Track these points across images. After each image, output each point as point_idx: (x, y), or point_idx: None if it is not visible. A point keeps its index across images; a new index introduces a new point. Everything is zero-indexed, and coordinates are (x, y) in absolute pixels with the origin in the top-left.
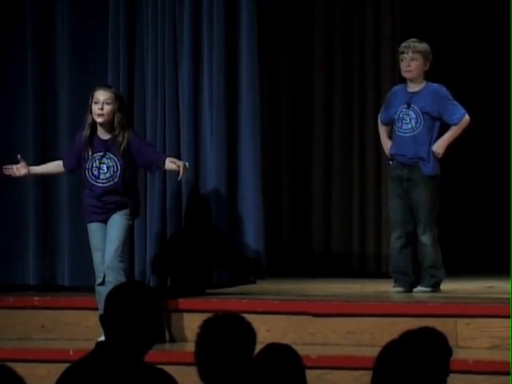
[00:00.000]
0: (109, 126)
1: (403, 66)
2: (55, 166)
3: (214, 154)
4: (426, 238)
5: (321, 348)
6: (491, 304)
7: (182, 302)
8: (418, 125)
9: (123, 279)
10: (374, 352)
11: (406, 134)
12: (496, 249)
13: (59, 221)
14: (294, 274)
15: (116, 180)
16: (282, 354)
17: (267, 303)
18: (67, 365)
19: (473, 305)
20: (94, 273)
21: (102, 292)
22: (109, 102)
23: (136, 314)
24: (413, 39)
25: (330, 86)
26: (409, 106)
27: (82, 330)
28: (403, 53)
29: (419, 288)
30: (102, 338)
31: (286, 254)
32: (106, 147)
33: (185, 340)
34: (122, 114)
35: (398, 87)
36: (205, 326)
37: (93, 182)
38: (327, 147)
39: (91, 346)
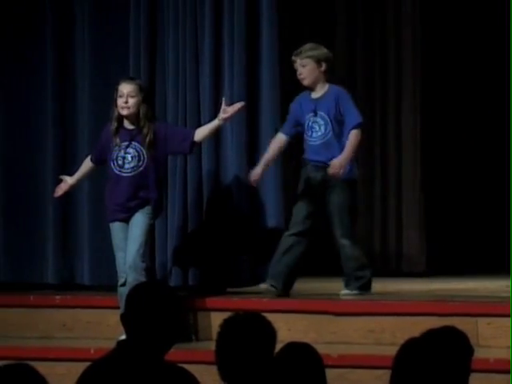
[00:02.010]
0: (134, 117)
1: (297, 74)
2: (86, 165)
3: (234, 154)
4: (344, 240)
5: (342, 347)
6: None
7: (203, 301)
8: (327, 131)
9: (144, 279)
10: (395, 351)
11: (317, 142)
12: None
13: (79, 219)
14: (314, 272)
15: (141, 169)
16: (302, 353)
17: (288, 302)
18: (88, 363)
19: (494, 304)
20: (115, 272)
21: (124, 292)
22: (133, 94)
23: (156, 313)
24: (305, 46)
25: (351, 84)
26: (316, 114)
27: (102, 328)
28: (294, 62)
29: (345, 291)
30: (123, 337)
31: (307, 252)
32: (131, 137)
33: (206, 339)
34: (146, 105)
35: (301, 95)
36: (225, 325)
37: (117, 172)
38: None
39: (112, 344)
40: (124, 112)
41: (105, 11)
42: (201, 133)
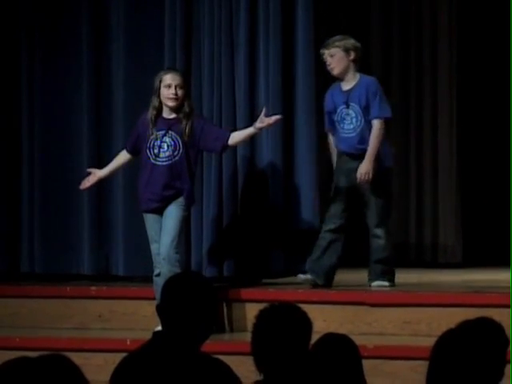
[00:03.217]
0: (176, 108)
1: (326, 65)
2: (121, 157)
3: (269, 148)
4: (379, 231)
5: (377, 338)
6: None
7: (239, 292)
8: (359, 123)
9: (178, 271)
10: (431, 342)
11: (350, 134)
12: None
13: (113, 210)
14: (350, 263)
15: (176, 159)
16: (338, 344)
17: (323, 293)
18: (124, 354)
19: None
20: (150, 262)
21: (159, 282)
22: (182, 85)
23: (192, 304)
24: (333, 38)
25: (386, 81)
26: (348, 106)
27: (138, 319)
28: (323, 54)
29: (377, 283)
30: (159, 328)
31: (342, 243)
32: (169, 126)
33: (241, 330)
34: (189, 99)
35: (332, 87)
36: (261, 316)
37: (152, 160)
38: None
39: (148, 335)
40: (172, 103)
41: (140, 5)
42: (236, 137)
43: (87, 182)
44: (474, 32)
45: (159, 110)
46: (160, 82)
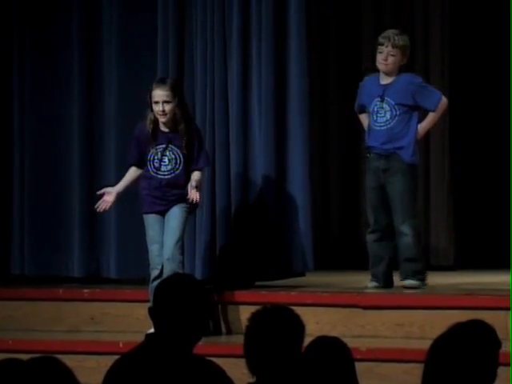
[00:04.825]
0: (171, 120)
1: (380, 58)
2: (131, 173)
3: (262, 148)
4: (405, 228)
5: (370, 340)
6: None
7: (231, 295)
8: (392, 117)
9: (181, 272)
10: (424, 345)
11: (382, 128)
12: None
13: (105, 212)
14: (343, 266)
15: (177, 172)
16: (331, 346)
17: (316, 296)
18: (116, 357)
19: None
20: (142, 265)
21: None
22: (168, 100)
23: (185, 307)
24: (393, 31)
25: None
26: (382, 100)
27: (131, 322)
28: (382, 44)
29: (408, 282)
30: (152, 331)
31: (335, 245)
32: (169, 140)
33: (234, 332)
34: (182, 107)
35: (370, 78)
36: (253, 319)
37: (153, 173)
38: None
39: (141, 338)
40: (162, 119)
41: (133, 11)
42: (194, 174)
43: (105, 203)
44: (466, 33)
45: (156, 123)
46: (150, 96)
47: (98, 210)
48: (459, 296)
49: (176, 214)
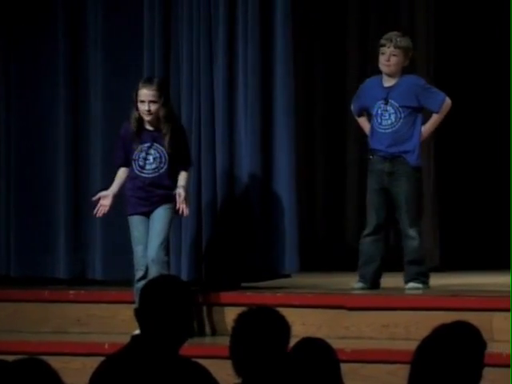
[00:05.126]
0: (155, 119)
1: (382, 59)
2: (121, 174)
3: (248, 148)
4: (413, 232)
5: (355, 342)
6: None
7: (217, 296)
8: (397, 120)
9: (166, 273)
10: (409, 346)
11: (387, 130)
12: None
13: (90, 214)
14: (328, 267)
15: (162, 171)
16: (316, 347)
17: (302, 297)
18: (102, 358)
19: (509, 299)
20: (127, 266)
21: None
22: (154, 99)
23: (170, 308)
24: (395, 33)
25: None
26: (386, 102)
27: (117, 323)
28: (384, 46)
29: (411, 284)
30: (137, 332)
31: (320, 247)
32: (153, 138)
33: (220, 334)
34: (166, 107)
35: (372, 80)
36: (239, 320)
37: (138, 172)
38: (363, 140)
39: (126, 339)
40: (147, 118)
41: (118, 11)
42: (180, 179)
43: (103, 207)
44: (451, 32)
45: (140, 121)
46: (136, 95)
47: (97, 215)
48: (444, 297)
49: (161, 215)
